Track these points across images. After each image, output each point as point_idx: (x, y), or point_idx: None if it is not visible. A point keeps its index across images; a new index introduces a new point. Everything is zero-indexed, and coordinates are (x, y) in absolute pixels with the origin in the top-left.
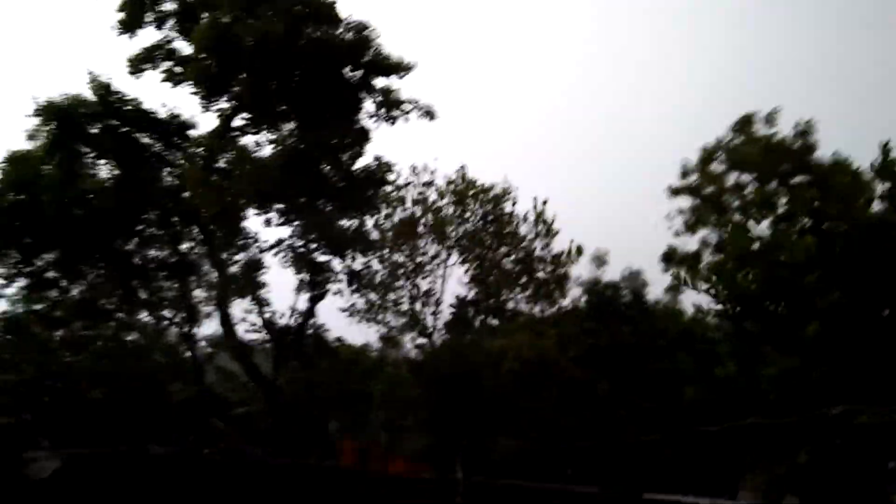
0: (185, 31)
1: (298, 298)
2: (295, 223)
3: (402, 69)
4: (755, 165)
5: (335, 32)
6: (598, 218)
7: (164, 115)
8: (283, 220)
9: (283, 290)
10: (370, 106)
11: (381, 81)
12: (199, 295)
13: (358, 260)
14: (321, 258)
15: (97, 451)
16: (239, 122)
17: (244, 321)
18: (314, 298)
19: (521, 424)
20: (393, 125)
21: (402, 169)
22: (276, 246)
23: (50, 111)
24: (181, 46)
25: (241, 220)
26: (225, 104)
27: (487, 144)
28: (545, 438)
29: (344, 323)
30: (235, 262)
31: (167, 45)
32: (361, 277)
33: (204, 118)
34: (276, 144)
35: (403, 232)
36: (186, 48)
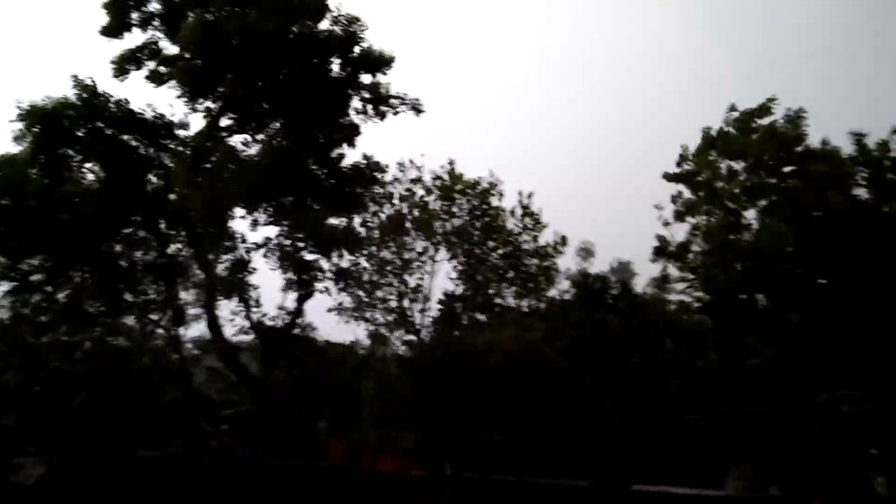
0: (170, 31)
1: (286, 298)
2: (282, 223)
3: (387, 62)
4: (747, 154)
5: (324, 27)
6: (592, 208)
7: (150, 116)
8: (270, 219)
9: (271, 289)
10: (358, 103)
11: (368, 78)
12: (186, 297)
13: (346, 258)
14: (308, 257)
15: (84, 455)
16: (226, 122)
17: (232, 322)
18: (302, 297)
19: (510, 419)
20: (382, 120)
21: (389, 165)
22: (263, 245)
23: (34, 115)
24: (166, 47)
25: (227, 220)
26: (211, 104)
27: (475, 139)
28: (534, 432)
29: (333, 321)
30: (223, 263)
31: (152, 45)
32: (349, 275)
33: (194, 118)
34: (263, 144)
35: (391, 228)
36: (172, 48)
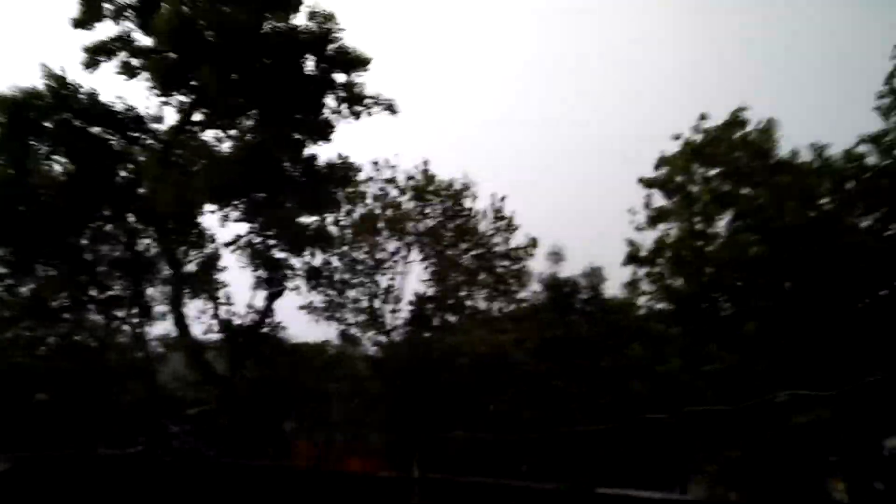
0: (144, 23)
1: (255, 296)
2: (253, 220)
3: (363, 63)
4: (717, 162)
5: (298, 22)
6: (572, 210)
7: (121, 108)
8: (242, 216)
9: (241, 287)
10: (332, 101)
11: (343, 77)
12: (153, 293)
13: (318, 257)
14: (279, 255)
15: (44, 454)
16: (199, 116)
17: (199, 320)
18: (271, 296)
19: (478, 420)
20: (357, 119)
21: (363, 165)
22: (233, 243)
23: (1, 105)
24: (139, 39)
25: (197, 216)
26: (184, 98)
27: (456, 139)
28: (502, 433)
29: (303, 321)
30: (191, 259)
31: (125, 37)
32: (320, 274)
33: (167, 112)
34: (235, 139)
35: (364, 228)
36: (145, 40)
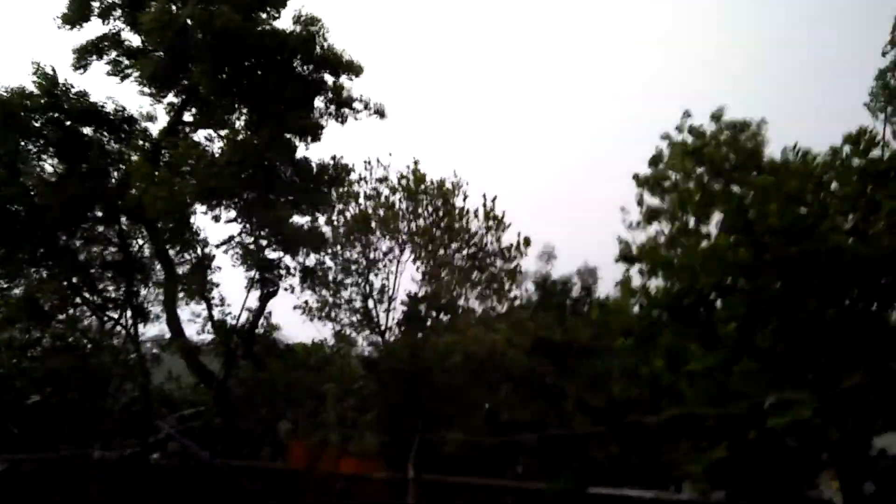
0: (132, 21)
1: (249, 296)
2: (245, 220)
3: (353, 69)
4: (705, 162)
5: (286, 26)
6: (570, 209)
7: (112, 109)
8: (235, 216)
9: (234, 288)
10: (321, 103)
11: (333, 79)
12: (146, 294)
13: (311, 256)
14: (272, 255)
15: (38, 456)
16: (190, 117)
17: (193, 322)
18: (265, 296)
19: (472, 420)
20: (343, 124)
21: (355, 164)
22: (226, 243)
23: None
24: (129, 38)
25: (189, 216)
26: (174, 98)
27: (447, 140)
28: (496, 433)
29: (298, 321)
30: (184, 260)
31: (114, 35)
32: (314, 274)
33: (158, 112)
34: (226, 139)
35: (356, 227)
36: (134, 39)
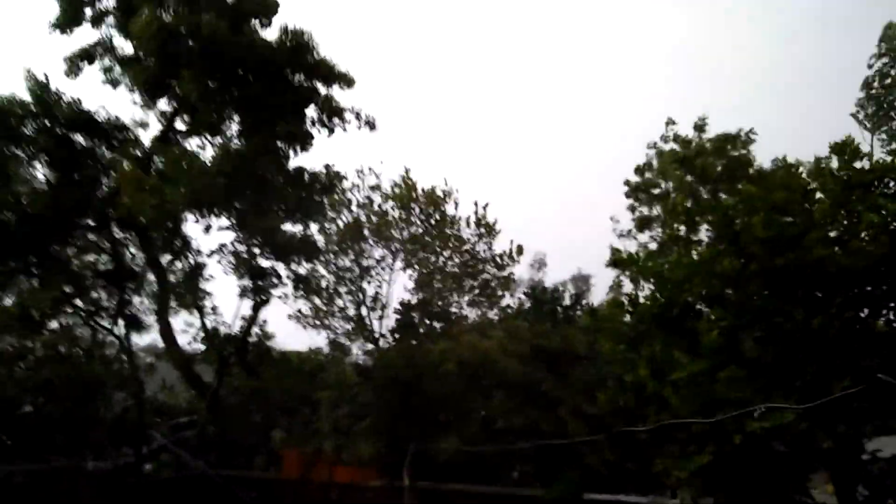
0: (124, 27)
1: (242, 304)
2: (238, 228)
3: (345, 80)
4: (694, 171)
5: (278, 37)
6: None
7: (104, 117)
8: (227, 225)
9: (227, 296)
10: (313, 112)
11: (325, 89)
12: (139, 303)
13: (303, 265)
14: (265, 263)
15: (30, 467)
16: (182, 125)
17: (186, 332)
18: (258, 304)
19: (467, 427)
20: (331, 135)
21: (347, 172)
22: (218, 252)
23: None
24: (121, 45)
25: (180, 225)
26: (166, 106)
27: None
28: (491, 440)
29: (291, 329)
30: (176, 269)
31: (106, 42)
32: (307, 282)
33: (151, 119)
34: (218, 148)
35: (349, 235)
36: (126, 46)
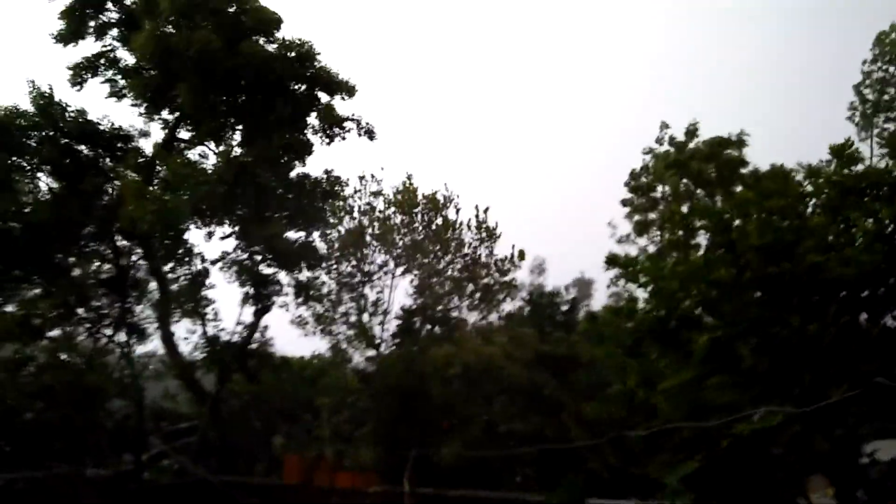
0: (127, 40)
1: (243, 311)
2: (240, 236)
3: (346, 89)
4: (688, 175)
5: (279, 48)
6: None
7: (107, 126)
8: (229, 233)
9: (229, 303)
10: (315, 121)
11: (326, 97)
12: (141, 311)
13: (305, 272)
14: (267, 270)
15: (31, 474)
16: (185, 134)
17: (187, 339)
18: (259, 311)
19: (468, 432)
20: (330, 144)
21: (349, 178)
22: (220, 260)
23: None
24: (123, 56)
25: (182, 233)
26: (168, 115)
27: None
28: (492, 445)
29: (293, 335)
30: (178, 277)
31: (109, 53)
32: (309, 289)
33: (153, 128)
34: (220, 156)
35: (351, 242)
36: (129, 57)
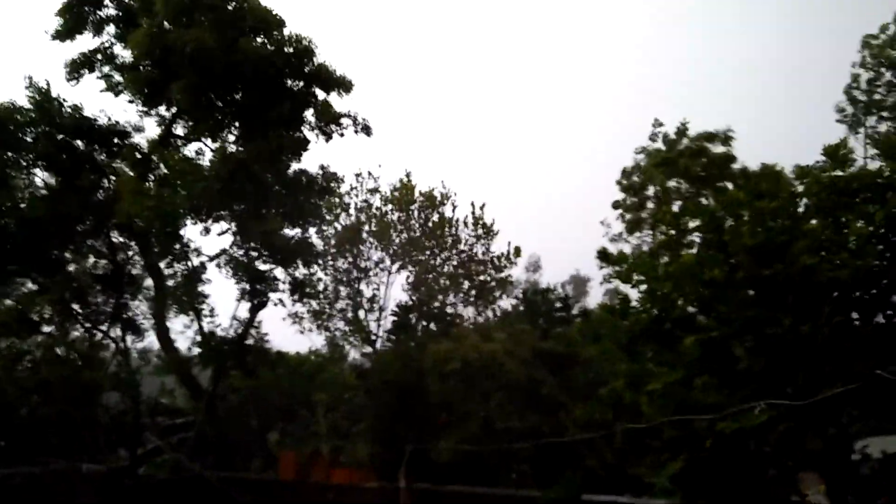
0: (124, 36)
1: (239, 307)
2: (236, 232)
3: (343, 86)
4: (678, 172)
5: (277, 46)
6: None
7: (104, 123)
8: (226, 229)
9: (225, 299)
10: (311, 117)
11: (323, 94)
12: (136, 306)
13: (301, 269)
14: (263, 267)
15: (27, 469)
16: (182, 130)
17: (184, 335)
18: (255, 307)
19: (464, 428)
20: (328, 141)
21: (345, 175)
22: (216, 256)
23: None
24: (121, 52)
25: (179, 229)
26: (165, 112)
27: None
28: (488, 441)
29: (289, 331)
30: (174, 273)
31: (106, 50)
32: (305, 285)
33: (149, 124)
34: (217, 153)
35: (347, 238)
36: (126, 54)
